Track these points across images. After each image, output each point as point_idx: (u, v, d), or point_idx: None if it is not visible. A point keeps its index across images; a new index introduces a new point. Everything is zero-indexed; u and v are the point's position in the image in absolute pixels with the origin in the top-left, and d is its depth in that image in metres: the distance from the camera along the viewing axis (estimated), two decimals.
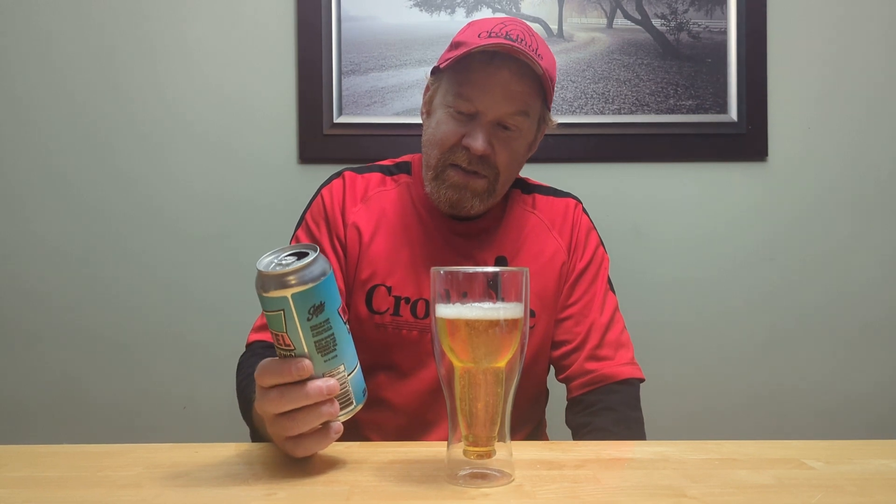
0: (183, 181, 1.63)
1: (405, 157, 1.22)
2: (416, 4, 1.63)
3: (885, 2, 1.66)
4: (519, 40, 1.03)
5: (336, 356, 0.70)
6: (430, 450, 0.82)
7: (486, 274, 0.71)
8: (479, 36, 1.03)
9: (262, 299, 0.68)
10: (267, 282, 0.67)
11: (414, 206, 1.16)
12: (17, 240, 1.63)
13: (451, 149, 1.06)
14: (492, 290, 0.69)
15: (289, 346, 0.69)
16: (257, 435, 0.98)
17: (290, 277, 0.66)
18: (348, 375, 0.71)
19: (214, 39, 1.64)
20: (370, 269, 1.11)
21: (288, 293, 0.66)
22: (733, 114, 1.63)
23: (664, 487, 0.69)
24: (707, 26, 1.64)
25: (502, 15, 1.63)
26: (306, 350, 0.69)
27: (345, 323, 0.71)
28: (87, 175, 1.63)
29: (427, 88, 1.14)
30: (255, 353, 1.05)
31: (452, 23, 1.62)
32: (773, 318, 1.65)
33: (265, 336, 1.09)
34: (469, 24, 1.11)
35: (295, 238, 1.17)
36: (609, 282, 1.20)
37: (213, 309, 1.62)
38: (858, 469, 0.75)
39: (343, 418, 0.73)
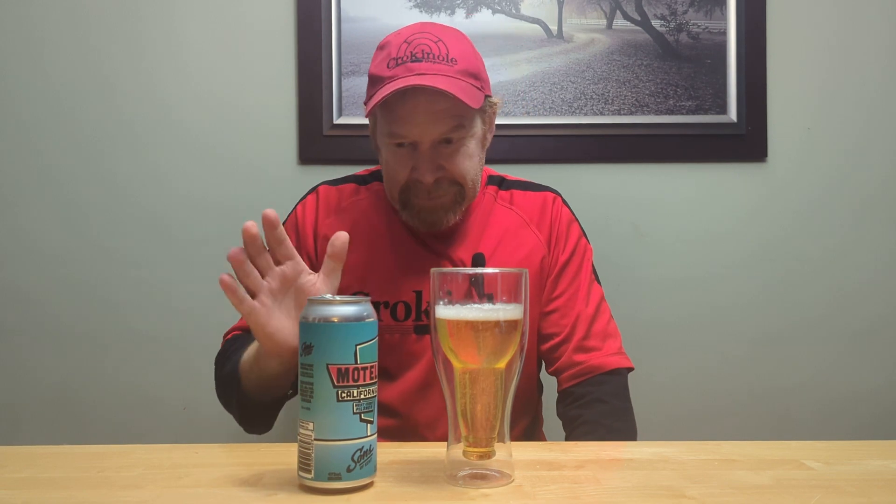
0: (183, 182, 1.63)
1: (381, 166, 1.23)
2: (416, 6, 1.63)
3: (884, 2, 1.66)
4: (425, 55, 1.03)
5: (308, 409, 0.67)
6: (429, 450, 0.82)
7: (486, 275, 0.71)
8: (388, 66, 1.05)
9: None
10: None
11: (387, 211, 1.18)
12: (18, 242, 1.63)
13: (406, 184, 1.09)
14: (491, 291, 0.70)
15: None
16: (246, 413, 1.04)
17: (307, 305, 0.70)
18: (314, 440, 0.66)
19: (214, 40, 1.64)
20: (347, 278, 1.13)
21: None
22: (733, 114, 1.63)
23: (663, 488, 0.69)
24: (707, 27, 1.64)
25: (501, 15, 1.63)
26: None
27: (335, 386, 0.66)
28: (83, 177, 1.63)
29: (370, 122, 1.16)
30: (227, 347, 1.12)
31: (452, 23, 1.61)
32: (773, 319, 1.65)
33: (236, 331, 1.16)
34: (378, 48, 1.11)
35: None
36: (594, 272, 1.21)
37: (213, 310, 1.61)
38: (857, 469, 0.75)
39: (306, 482, 0.67)
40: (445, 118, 1.05)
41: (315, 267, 1.15)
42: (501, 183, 1.22)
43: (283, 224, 1.19)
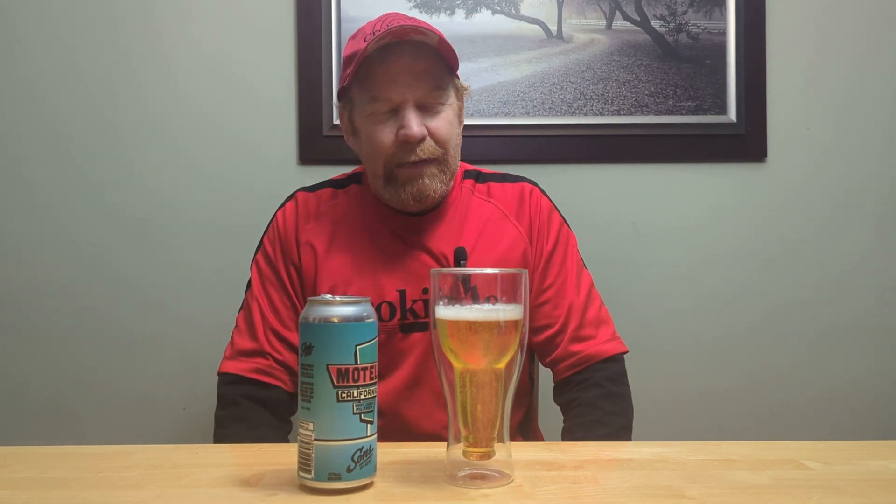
0: (182, 183, 1.63)
1: (357, 169, 1.24)
2: (416, 6, 1.63)
3: (884, 2, 1.66)
4: (400, 26, 1.06)
5: (308, 410, 0.67)
6: (429, 450, 0.82)
7: (485, 275, 0.71)
8: (364, 41, 1.06)
9: None
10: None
11: (365, 213, 1.18)
12: (13, 244, 1.63)
13: (392, 150, 1.09)
14: (492, 291, 0.70)
15: None
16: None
17: (307, 305, 0.69)
18: (314, 440, 0.66)
19: (213, 39, 1.63)
20: (330, 282, 1.14)
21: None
22: (732, 115, 1.63)
23: (663, 488, 0.69)
24: (706, 27, 1.64)
25: (501, 16, 1.63)
26: None
27: (335, 387, 0.66)
28: (75, 175, 1.63)
29: (341, 115, 1.17)
30: (233, 406, 1.11)
31: (452, 24, 1.62)
32: (773, 318, 1.65)
33: (237, 366, 1.13)
34: (350, 38, 1.14)
35: (255, 262, 1.20)
36: (581, 259, 1.21)
37: (213, 310, 1.62)
38: (857, 470, 0.76)
39: (306, 482, 0.67)
40: (427, 78, 1.08)
41: (300, 274, 1.16)
42: (478, 176, 1.23)
43: (266, 234, 1.20)
